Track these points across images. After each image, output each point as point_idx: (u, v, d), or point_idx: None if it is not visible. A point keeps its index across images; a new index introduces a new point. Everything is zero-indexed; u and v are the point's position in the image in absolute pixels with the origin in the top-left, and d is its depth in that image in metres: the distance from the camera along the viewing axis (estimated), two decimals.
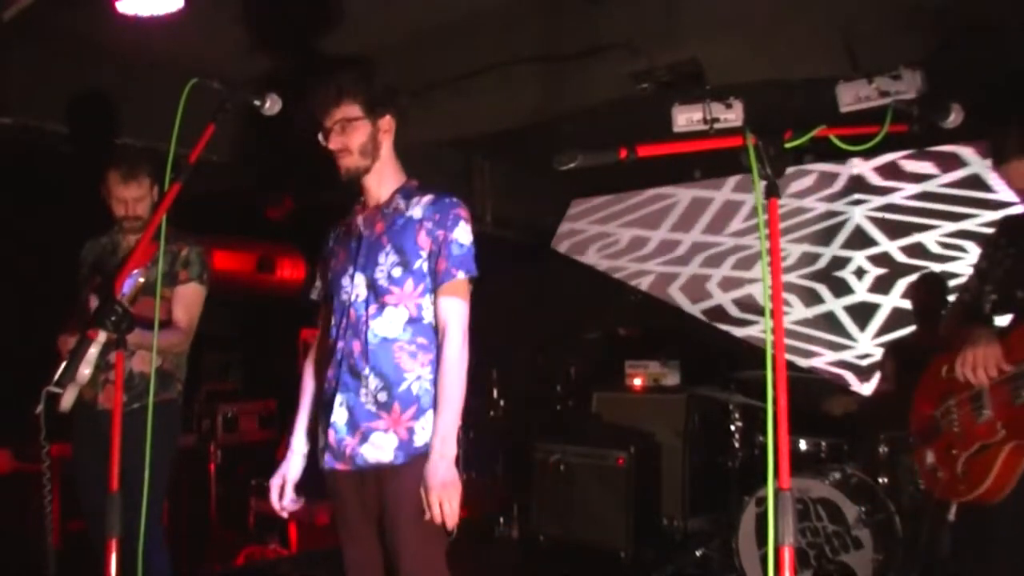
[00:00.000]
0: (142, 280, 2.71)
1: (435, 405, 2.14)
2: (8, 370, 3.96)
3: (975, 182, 5.08)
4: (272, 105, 2.13)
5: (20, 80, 4.01)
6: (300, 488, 2.36)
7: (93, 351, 2.50)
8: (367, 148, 2.25)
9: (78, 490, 3.09)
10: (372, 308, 2.20)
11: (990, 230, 2.72)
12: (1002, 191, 4.83)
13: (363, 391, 2.18)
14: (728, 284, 5.98)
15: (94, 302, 2.90)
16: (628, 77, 4.08)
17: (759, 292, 5.74)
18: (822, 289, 5.60)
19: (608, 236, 6.60)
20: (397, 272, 2.20)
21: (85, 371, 2.57)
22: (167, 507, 3.49)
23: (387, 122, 2.28)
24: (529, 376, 6.11)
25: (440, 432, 2.10)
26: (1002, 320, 2.49)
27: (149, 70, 3.98)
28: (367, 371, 2.18)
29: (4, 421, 3.79)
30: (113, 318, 1.91)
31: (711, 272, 6.07)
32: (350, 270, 2.27)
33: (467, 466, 5.88)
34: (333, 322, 2.30)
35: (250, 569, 4.59)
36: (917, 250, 5.23)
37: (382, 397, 2.17)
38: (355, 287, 2.24)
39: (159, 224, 1.99)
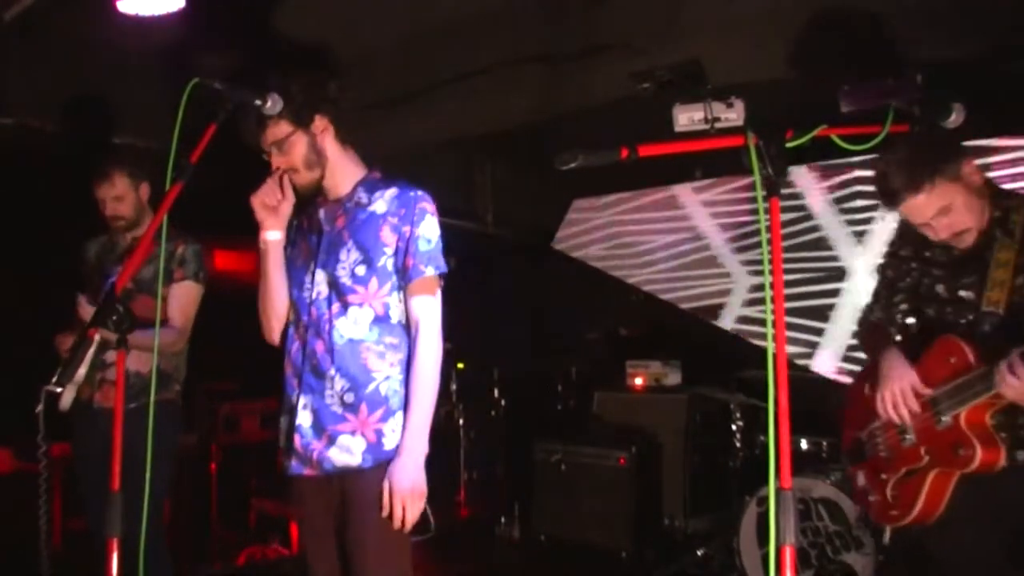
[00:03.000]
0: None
1: (406, 405, 2.09)
2: (8, 370, 3.96)
3: None
4: (273, 105, 2.13)
5: (20, 80, 4.01)
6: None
7: (90, 350, 2.50)
8: (311, 159, 2.17)
9: (80, 489, 3.09)
10: (335, 307, 2.13)
11: None
12: None
13: (328, 392, 2.12)
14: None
15: (83, 301, 2.90)
16: (628, 77, 4.08)
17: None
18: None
19: (609, 236, 6.59)
20: (361, 270, 2.12)
21: (80, 371, 2.56)
22: (168, 507, 3.49)
23: (321, 122, 2.17)
24: (529, 376, 6.11)
25: (411, 431, 2.05)
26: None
27: (149, 70, 3.98)
28: (332, 371, 2.11)
29: (4, 421, 3.78)
30: (114, 318, 1.91)
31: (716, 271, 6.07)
32: (311, 266, 2.19)
33: (467, 466, 5.89)
34: (291, 318, 2.24)
35: (251, 569, 4.58)
36: None
37: (349, 398, 2.10)
38: (316, 284, 2.17)
39: (160, 224, 1.99)
